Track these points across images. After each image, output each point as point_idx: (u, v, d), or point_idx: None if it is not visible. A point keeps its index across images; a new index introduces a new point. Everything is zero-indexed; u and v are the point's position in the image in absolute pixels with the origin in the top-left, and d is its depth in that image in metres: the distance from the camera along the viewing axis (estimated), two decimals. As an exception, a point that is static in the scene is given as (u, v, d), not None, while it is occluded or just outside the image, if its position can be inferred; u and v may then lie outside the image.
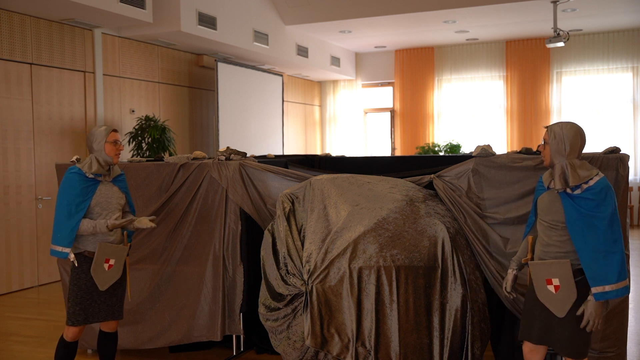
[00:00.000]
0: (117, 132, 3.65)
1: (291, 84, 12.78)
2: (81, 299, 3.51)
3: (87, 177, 3.53)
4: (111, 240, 3.57)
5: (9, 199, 6.90)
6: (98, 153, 3.57)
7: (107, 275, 3.54)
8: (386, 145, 13.71)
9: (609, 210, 2.81)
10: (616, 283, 2.78)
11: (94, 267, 3.48)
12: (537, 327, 3.00)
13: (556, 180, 2.90)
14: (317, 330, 3.70)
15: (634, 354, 4.48)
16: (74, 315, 3.52)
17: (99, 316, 3.57)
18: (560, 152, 2.92)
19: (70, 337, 3.56)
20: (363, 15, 9.97)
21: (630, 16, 10.34)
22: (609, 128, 11.66)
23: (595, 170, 2.90)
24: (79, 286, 3.52)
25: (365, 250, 3.69)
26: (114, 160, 3.61)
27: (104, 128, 3.61)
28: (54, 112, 7.38)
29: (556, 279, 2.90)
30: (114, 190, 3.65)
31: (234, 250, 4.38)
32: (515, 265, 3.20)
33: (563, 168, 2.89)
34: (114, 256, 3.55)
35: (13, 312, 6.11)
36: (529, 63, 12.13)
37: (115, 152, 3.60)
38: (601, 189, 2.82)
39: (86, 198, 3.49)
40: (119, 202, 3.65)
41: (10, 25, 6.84)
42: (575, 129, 2.93)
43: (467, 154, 6.45)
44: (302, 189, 4.13)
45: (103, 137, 3.58)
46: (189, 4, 8.19)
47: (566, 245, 2.91)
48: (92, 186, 3.54)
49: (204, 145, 10.07)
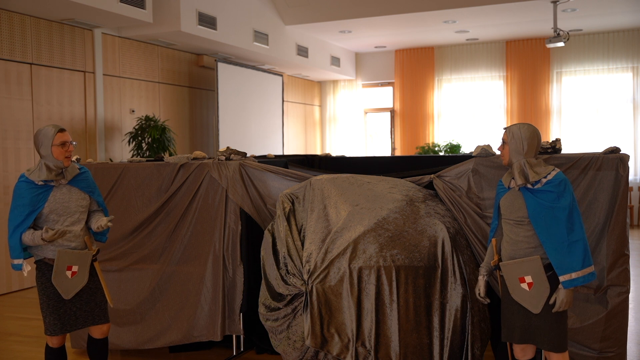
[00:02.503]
0: (64, 132, 3.34)
1: (291, 84, 12.78)
2: (53, 308, 3.31)
3: (36, 185, 3.28)
4: (73, 246, 3.34)
5: (9, 199, 6.90)
6: (47, 158, 3.30)
7: (71, 283, 3.31)
8: (386, 145, 13.71)
9: (568, 201, 2.95)
10: (582, 270, 2.91)
11: (54, 276, 3.27)
12: (518, 327, 3.07)
13: (516, 177, 3.04)
14: (317, 330, 3.70)
15: (634, 354, 4.48)
16: (50, 325, 3.33)
17: (76, 324, 3.37)
18: (518, 151, 3.06)
19: (54, 344, 3.40)
20: (363, 15, 9.97)
21: (630, 16, 10.34)
22: (609, 128, 11.65)
23: (551, 166, 3.06)
24: (48, 295, 3.32)
25: (365, 250, 3.69)
26: (64, 164, 3.32)
27: (49, 129, 3.31)
28: (54, 112, 7.38)
29: (529, 276, 3.01)
30: (73, 192, 3.38)
31: (234, 250, 4.38)
32: (484, 271, 3.30)
33: (521, 166, 3.04)
34: (77, 262, 3.32)
35: (13, 312, 6.11)
36: (529, 63, 12.13)
37: (64, 155, 3.31)
38: (560, 182, 2.97)
39: (36, 207, 3.26)
40: (79, 205, 3.39)
41: (10, 25, 6.84)
42: (531, 130, 3.08)
43: (467, 154, 6.45)
44: (302, 189, 4.13)
45: (49, 141, 3.28)
46: (189, 4, 8.19)
47: (534, 240, 3.02)
48: (43, 194, 3.29)
49: (204, 145, 10.07)
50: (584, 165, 3.72)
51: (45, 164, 3.31)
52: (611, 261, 3.70)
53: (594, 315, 3.70)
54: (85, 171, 3.53)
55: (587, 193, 3.73)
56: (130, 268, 4.54)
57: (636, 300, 5.95)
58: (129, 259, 4.53)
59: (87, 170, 3.54)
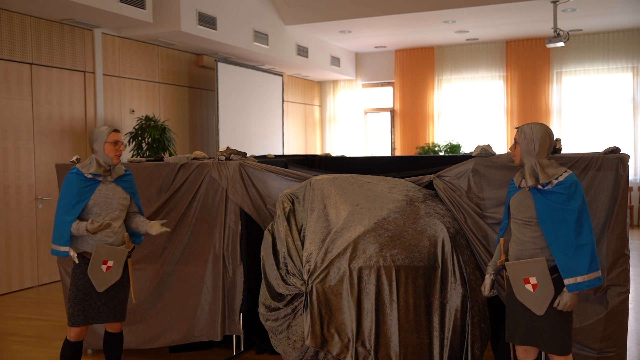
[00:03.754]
0: (118, 133, 3.61)
1: (291, 84, 12.78)
2: (80, 299, 3.50)
3: (85, 178, 3.51)
4: (110, 241, 3.53)
5: (9, 199, 6.90)
6: (98, 153, 3.56)
7: (105, 277, 3.50)
8: (386, 145, 13.71)
9: (578, 204, 2.91)
10: (588, 274, 2.88)
11: (91, 268, 3.46)
12: (521, 327, 3.06)
13: (527, 178, 3.00)
14: (317, 330, 3.70)
15: (634, 354, 4.48)
16: (73, 315, 3.51)
17: (99, 317, 3.55)
18: (529, 151, 3.03)
19: (73, 337, 3.56)
20: (363, 15, 9.97)
21: (630, 16, 10.34)
22: (609, 128, 11.65)
23: (563, 168, 3.02)
24: (78, 287, 3.51)
25: (365, 250, 3.69)
26: (114, 161, 3.57)
27: (105, 128, 3.58)
28: (54, 112, 7.38)
29: (533, 278, 2.99)
30: (117, 190, 3.61)
31: (234, 250, 4.38)
32: (491, 270, 3.28)
33: (533, 167, 3.01)
34: (112, 258, 3.50)
35: (13, 312, 6.11)
36: (529, 63, 12.13)
37: (115, 153, 3.56)
38: (571, 184, 2.94)
39: (83, 198, 3.48)
40: (120, 203, 3.60)
41: (10, 25, 6.84)
42: (544, 130, 3.03)
43: (467, 154, 6.46)
44: (302, 189, 4.13)
45: (103, 138, 3.55)
46: (189, 4, 8.19)
47: (541, 241, 2.99)
48: (90, 186, 3.51)
49: (204, 145, 10.07)
50: (584, 165, 3.72)
51: (96, 159, 3.56)
52: (611, 261, 3.70)
53: (594, 315, 3.70)
54: (130, 173, 3.77)
55: (587, 193, 3.73)
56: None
57: (636, 300, 5.95)
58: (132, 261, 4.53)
59: (131, 173, 3.79)
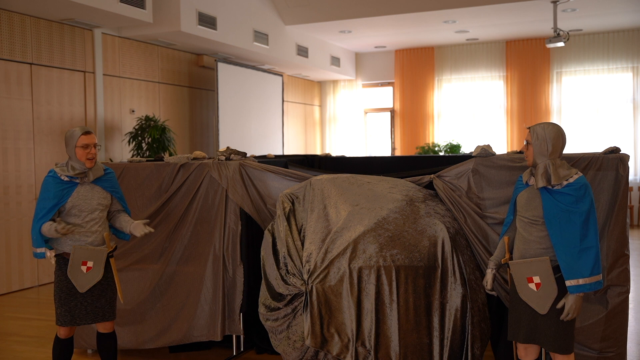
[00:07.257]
0: (89, 135, 3.49)
1: (291, 84, 12.78)
2: (65, 300, 3.50)
3: (62, 180, 3.48)
4: (89, 241, 3.50)
5: (9, 199, 6.90)
6: (71, 158, 3.51)
7: (86, 278, 3.48)
8: (386, 145, 13.71)
9: (587, 207, 2.91)
10: (589, 277, 2.88)
11: (70, 270, 3.45)
12: (524, 326, 3.06)
13: (538, 179, 2.99)
14: (317, 330, 3.70)
15: (634, 354, 4.48)
16: (60, 316, 3.52)
17: (86, 318, 3.54)
18: (542, 152, 3.02)
19: (62, 335, 3.58)
20: (363, 15, 9.97)
21: (630, 16, 10.33)
22: (609, 128, 11.65)
23: (575, 169, 3.01)
24: (61, 288, 3.51)
25: (365, 250, 3.69)
26: (86, 165, 3.49)
27: (76, 131, 3.48)
28: (54, 112, 7.38)
29: (537, 277, 2.99)
30: (96, 190, 3.56)
31: (234, 250, 4.38)
32: (493, 265, 3.29)
33: (546, 167, 2.99)
34: (91, 258, 3.47)
35: (13, 312, 6.11)
36: (529, 63, 12.13)
37: (86, 157, 3.47)
38: (581, 186, 2.93)
39: (60, 201, 3.44)
40: (100, 203, 3.56)
41: (10, 25, 6.84)
42: (556, 130, 3.02)
43: (467, 154, 6.45)
44: (302, 189, 4.13)
45: (74, 142, 3.47)
46: (189, 4, 8.19)
47: (546, 241, 2.99)
48: (68, 189, 3.48)
49: (204, 145, 10.07)
50: (584, 165, 3.72)
51: (71, 164, 3.51)
52: (611, 261, 3.70)
53: (594, 315, 3.70)
54: (110, 172, 3.72)
55: (587, 193, 3.73)
56: (130, 268, 4.53)
57: (636, 300, 5.95)
58: (129, 259, 4.53)
59: (112, 172, 3.74)
